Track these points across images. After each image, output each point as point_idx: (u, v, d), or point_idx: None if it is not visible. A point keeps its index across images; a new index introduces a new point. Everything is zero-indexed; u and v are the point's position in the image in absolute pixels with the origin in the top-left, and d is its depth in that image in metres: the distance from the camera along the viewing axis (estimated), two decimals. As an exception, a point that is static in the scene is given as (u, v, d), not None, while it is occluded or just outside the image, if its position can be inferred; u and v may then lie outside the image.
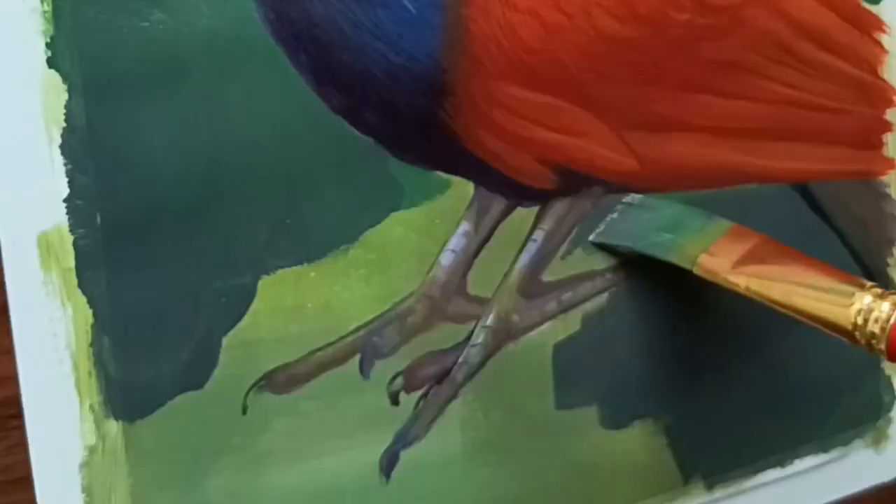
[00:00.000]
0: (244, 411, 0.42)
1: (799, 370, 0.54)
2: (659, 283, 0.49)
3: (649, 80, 0.46)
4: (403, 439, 0.45)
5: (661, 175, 0.48)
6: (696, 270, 0.46)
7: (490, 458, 0.47)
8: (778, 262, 0.45)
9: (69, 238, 0.39)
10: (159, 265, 0.40)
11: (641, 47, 0.45)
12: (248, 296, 0.42)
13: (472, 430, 0.46)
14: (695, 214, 0.49)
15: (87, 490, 0.39)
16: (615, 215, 0.48)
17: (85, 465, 0.39)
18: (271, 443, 0.42)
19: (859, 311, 0.42)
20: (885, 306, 0.42)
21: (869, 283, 0.43)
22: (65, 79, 0.38)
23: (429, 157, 0.44)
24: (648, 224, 0.48)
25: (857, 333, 0.42)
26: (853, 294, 0.43)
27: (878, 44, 0.53)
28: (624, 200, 0.49)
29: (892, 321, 0.41)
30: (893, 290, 0.43)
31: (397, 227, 0.44)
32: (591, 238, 0.48)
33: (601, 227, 0.48)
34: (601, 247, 0.48)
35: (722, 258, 0.46)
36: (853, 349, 0.57)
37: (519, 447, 0.47)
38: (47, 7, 0.38)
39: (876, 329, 0.41)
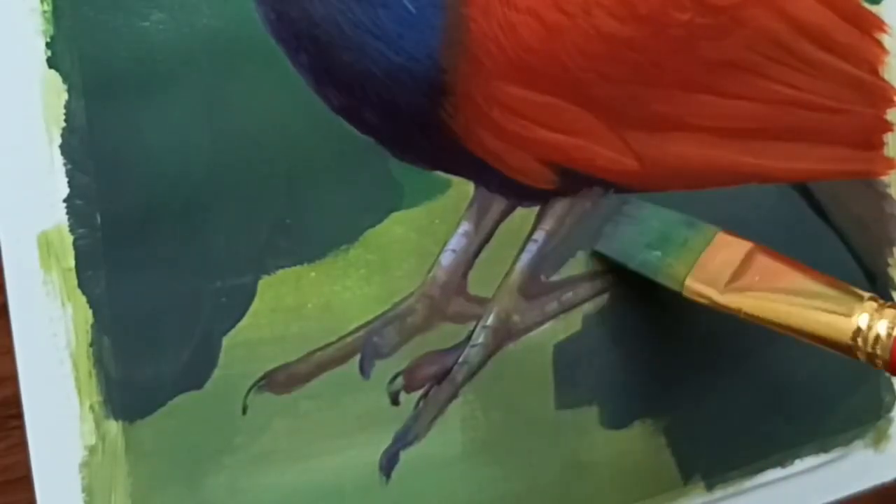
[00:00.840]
0: (244, 411, 0.42)
1: (799, 370, 0.54)
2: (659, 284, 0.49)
3: (650, 80, 0.46)
4: (403, 439, 0.45)
5: (661, 175, 0.48)
6: (685, 294, 0.45)
7: (490, 458, 0.47)
8: (769, 276, 0.44)
9: (69, 238, 0.39)
10: (159, 265, 0.40)
11: (642, 47, 0.45)
12: (248, 296, 0.42)
13: (472, 429, 0.46)
14: (678, 224, 0.47)
15: (87, 490, 0.39)
16: (609, 226, 0.48)
17: (85, 465, 0.39)
18: (271, 443, 0.42)
19: (858, 328, 0.41)
20: (884, 324, 0.41)
21: (867, 295, 0.42)
22: (65, 79, 0.38)
23: (429, 157, 0.44)
24: (637, 238, 0.47)
25: (860, 340, 0.41)
26: (852, 307, 0.42)
27: (879, 44, 0.53)
28: (621, 209, 0.48)
29: (894, 335, 0.40)
30: (891, 303, 0.42)
31: (397, 227, 0.44)
32: (595, 247, 0.48)
33: (600, 239, 0.48)
34: (602, 258, 0.48)
35: (710, 279, 0.45)
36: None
37: (519, 447, 0.47)
38: (47, 7, 0.38)
39: (877, 345, 0.41)
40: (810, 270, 0.44)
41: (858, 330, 0.41)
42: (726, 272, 0.45)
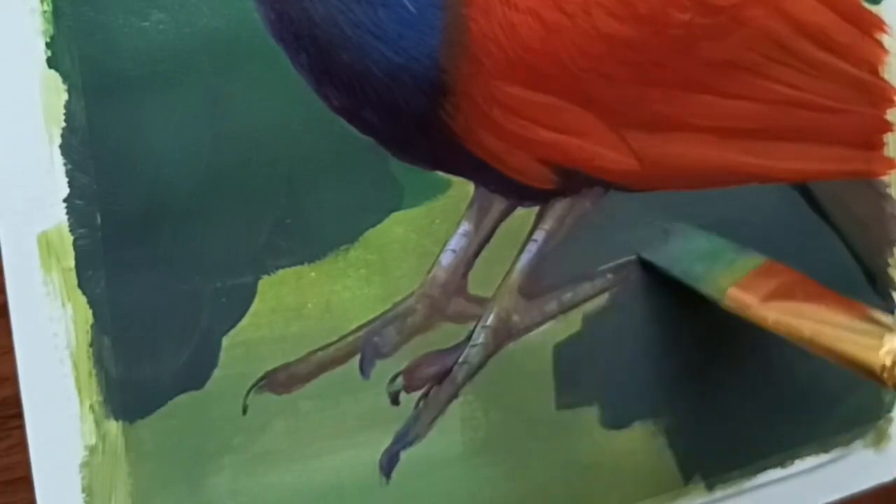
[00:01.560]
0: (244, 411, 0.42)
1: (799, 370, 0.54)
2: (660, 283, 0.49)
3: (650, 79, 0.46)
4: (404, 439, 0.45)
5: (661, 175, 0.48)
6: (725, 301, 0.46)
7: (490, 458, 0.47)
8: (808, 299, 0.45)
9: (69, 238, 0.39)
10: (159, 265, 0.40)
11: (642, 47, 0.45)
12: (248, 296, 0.42)
13: (472, 429, 0.46)
14: (728, 248, 0.49)
15: (87, 490, 0.39)
16: (657, 239, 0.49)
17: (85, 465, 0.39)
18: (271, 443, 0.42)
19: (889, 353, 0.41)
20: None
21: None
22: (65, 79, 0.38)
23: (429, 157, 0.44)
24: (684, 252, 0.49)
25: (886, 375, 0.41)
26: (882, 336, 0.42)
27: (879, 44, 0.53)
28: (665, 227, 0.49)
29: None
30: None
31: (397, 227, 0.44)
32: (642, 255, 0.49)
33: (647, 248, 0.49)
34: (646, 264, 0.49)
35: (751, 292, 0.46)
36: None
37: (519, 447, 0.47)
38: (47, 7, 0.38)
39: None
40: (850, 300, 0.45)
41: (889, 353, 0.41)
42: (767, 288, 0.46)
